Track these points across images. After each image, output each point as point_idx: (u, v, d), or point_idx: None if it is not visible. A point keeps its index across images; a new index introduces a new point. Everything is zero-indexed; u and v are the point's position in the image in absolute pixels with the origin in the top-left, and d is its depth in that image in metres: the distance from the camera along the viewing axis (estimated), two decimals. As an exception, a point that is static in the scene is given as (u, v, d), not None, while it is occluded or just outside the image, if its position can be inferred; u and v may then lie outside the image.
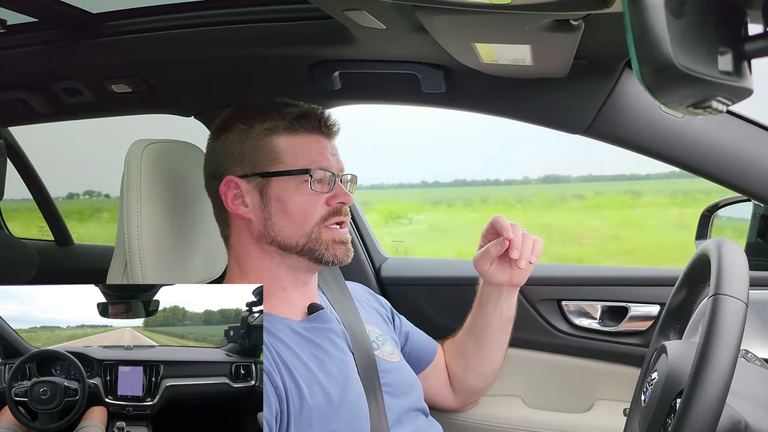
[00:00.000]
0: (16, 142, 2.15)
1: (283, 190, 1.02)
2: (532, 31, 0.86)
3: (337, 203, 1.04)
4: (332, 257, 1.04)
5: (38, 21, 1.29)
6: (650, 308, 1.33)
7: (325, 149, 1.05)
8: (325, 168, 1.03)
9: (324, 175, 1.03)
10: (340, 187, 1.05)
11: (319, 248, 1.03)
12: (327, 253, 1.03)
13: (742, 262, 0.78)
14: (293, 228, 1.02)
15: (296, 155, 1.03)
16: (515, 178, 16.65)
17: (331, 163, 1.05)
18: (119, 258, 1.07)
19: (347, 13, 0.94)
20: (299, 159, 1.03)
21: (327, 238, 1.03)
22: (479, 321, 1.25)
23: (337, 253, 1.04)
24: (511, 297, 1.23)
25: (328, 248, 1.03)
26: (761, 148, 1.12)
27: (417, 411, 1.12)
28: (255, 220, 1.04)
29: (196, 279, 1.15)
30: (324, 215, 1.03)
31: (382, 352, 1.11)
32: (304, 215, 1.02)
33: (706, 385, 0.70)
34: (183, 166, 1.14)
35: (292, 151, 1.03)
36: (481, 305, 1.24)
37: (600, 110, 1.15)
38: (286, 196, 1.02)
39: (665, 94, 0.42)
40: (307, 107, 1.06)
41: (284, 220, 1.03)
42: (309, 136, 1.04)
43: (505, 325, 1.25)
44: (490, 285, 1.22)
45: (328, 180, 1.03)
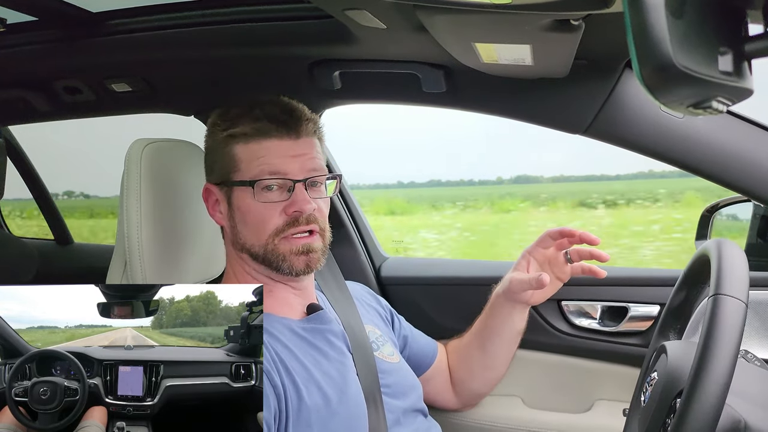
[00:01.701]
0: (16, 141, 2.15)
1: (241, 199, 1.01)
2: (532, 31, 0.86)
3: (293, 212, 0.99)
4: (290, 268, 1.00)
5: (38, 20, 1.29)
6: (650, 308, 1.33)
7: (283, 153, 0.99)
8: (279, 174, 0.98)
9: (278, 183, 0.99)
10: (298, 194, 0.99)
11: (276, 259, 1.00)
12: (284, 264, 1.00)
13: (742, 262, 0.78)
14: (253, 237, 1.01)
15: (249, 163, 0.99)
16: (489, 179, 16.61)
17: (290, 168, 0.99)
18: (119, 257, 1.07)
19: (348, 12, 0.94)
20: (251, 167, 0.99)
21: (284, 249, 0.99)
22: (488, 330, 1.23)
23: (295, 264, 1.00)
24: (524, 311, 1.22)
25: (285, 259, 1.00)
26: (761, 148, 1.12)
27: (416, 412, 1.11)
28: (227, 227, 1.04)
29: (196, 278, 1.15)
30: (279, 226, 0.99)
31: (381, 353, 1.11)
32: (259, 225, 1.00)
33: (705, 386, 0.70)
34: (183, 166, 1.14)
35: (246, 158, 1.00)
36: (493, 315, 1.22)
37: (600, 110, 1.15)
38: (244, 206, 1.00)
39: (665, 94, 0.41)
40: (273, 109, 1.01)
41: (246, 230, 1.01)
42: (265, 142, 0.99)
43: (516, 337, 1.23)
44: (507, 299, 1.19)
45: (287, 186, 0.99)
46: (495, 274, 1.27)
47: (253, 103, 1.03)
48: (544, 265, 1.19)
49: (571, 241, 1.16)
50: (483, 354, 1.25)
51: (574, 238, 1.15)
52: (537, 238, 1.19)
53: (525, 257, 1.19)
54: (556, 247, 1.17)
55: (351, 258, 1.50)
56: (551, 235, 1.17)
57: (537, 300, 1.19)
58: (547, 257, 1.18)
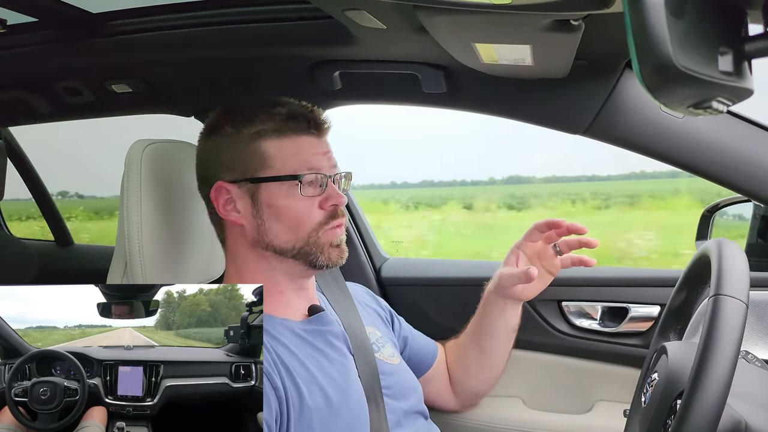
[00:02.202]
0: (16, 142, 2.15)
1: (274, 196, 1.00)
2: (532, 31, 0.86)
3: (330, 206, 1.02)
4: (326, 261, 1.02)
5: (38, 21, 1.29)
6: (650, 309, 1.33)
7: (315, 149, 1.02)
8: (315, 169, 1.01)
9: (315, 178, 1.00)
10: (332, 189, 1.02)
11: (315, 252, 1.01)
12: (322, 257, 1.01)
13: (742, 262, 0.78)
14: (289, 233, 1.01)
15: (285, 159, 1.00)
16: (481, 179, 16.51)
17: (322, 163, 1.02)
18: (119, 258, 1.07)
19: (347, 13, 0.94)
20: (288, 163, 1.00)
21: (325, 241, 1.01)
22: (483, 328, 1.23)
23: (332, 256, 1.02)
24: (517, 306, 1.22)
25: (323, 252, 1.01)
26: (761, 148, 1.12)
27: (417, 414, 1.11)
28: (248, 225, 1.02)
29: (197, 279, 1.15)
30: (321, 220, 1.01)
31: (382, 355, 1.11)
32: (299, 221, 1.00)
33: (706, 386, 0.69)
34: (183, 166, 1.14)
35: (281, 155, 1.00)
36: (486, 313, 1.22)
37: (600, 110, 1.15)
38: (279, 202, 1.00)
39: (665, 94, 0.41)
40: (295, 107, 1.03)
41: (278, 226, 1.01)
42: (298, 138, 1.01)
43: (510, 334, 1.23)
44: (498, 296, 1.20)
45: (319, 182, 1.01)
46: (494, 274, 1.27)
47: (267, 101, 1.04)
48: (534, 259, 1.19)
49: (559, 233, 1.16)
50: (479, 352, 1.25)
51: (561, 229, 1.15)
52: (525, 232, 1.19)
53: (514, 252, 1.20)
54: (545, 240, 1.18)
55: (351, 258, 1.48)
56: (538, 227, 1.18)
57: (528, 295, 1.19)
58: (536, 251, 1.19)
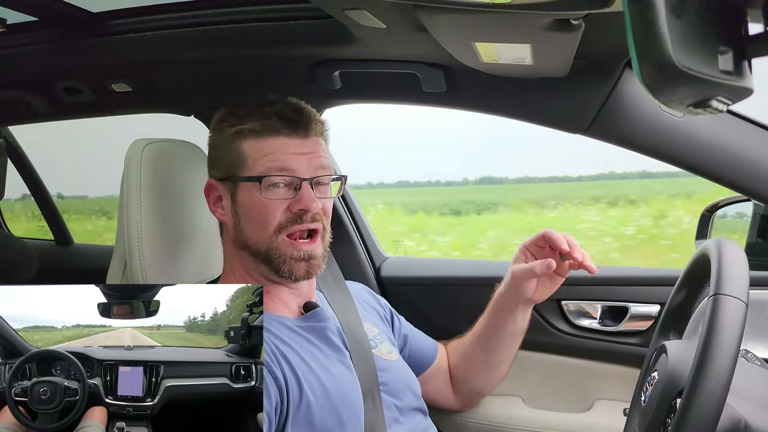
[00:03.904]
0: (16, 142, 2.15)
1: (247, 195, 1.01)
2: (532, 30, 0.86)
3: (299, 209, 0.99)
4: (289, 273, 1.00)
5: (38, 20, 1.29)
6: (650, 308, 1.33)
7: (291, 150, 1.00)
8: (287, 171, 0.99)
9: (285, 180, 0.99)
10: (305, 192, 0.99)
11: (277, 260, 1.00)
12: (284, 267, 1.00)
13: (742, 262, 0.78)
14: (256, 234, 1.01)
15: (256, 159, 1.00)
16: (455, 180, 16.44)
17: (298, 165, 1.00)
18: (119, 258, 1.07)
19: (347, 12, 0.94)
20: (258, 164, 1.00)
21: (285, 251, 1.00)
22: (491, 330, 1.23)
23: (295, 269, 1.00)
24: (527, 310, 1.21)
25: (286, 263, 1.00)
26: (761, 148, 1.12)
27: (415, 410, 1.11)
28: (228, 223, 1.04)
29: (196, 278, 1.15)
30: (282, 222, 0.99)
31: (379, 351, 1.11)
32: (263, 221, 1.00)
33: (706, 385, 0.70)
34: (183, 166, 1.14)
35: (253, 155, 1.00)
36: (495, 314, 1.22)
37: (600, 110, 1.15)
38: (249, 202, 1.01)
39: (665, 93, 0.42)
40: (281, 107, 1.02)
41: (250, 226, 1.02)
42: (274, 139, 1.00)
43: (517, 336, 1.23)
44: (509, 296, 1.19)
45: (294, 184, 1.00)
46: (495, 274, 1.27)
47: (261, 101, 1.04)
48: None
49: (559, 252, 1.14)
50: (485, 353, 1.25)
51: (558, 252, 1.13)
52: (534, 235, 1.18)
53: (523, 251, 1.19)
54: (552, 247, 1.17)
55: (351, 257, 1.50)
56: (547, 236, 1.16)
57: (540, 296, 1.18)
58: (544, 254, 1.18)
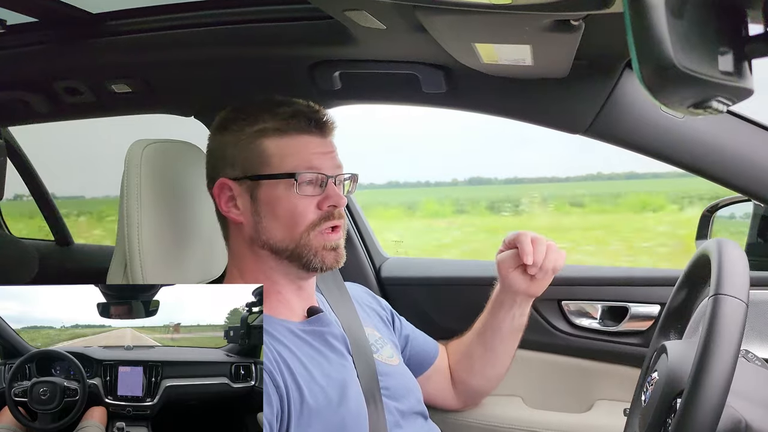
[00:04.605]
0: (16, 142, 2.15)
1: (272, 194, 1.00)
2: (532, 31, 0.86)
3: (329, 206, 1.01)
4: (320, 264, 1.01)
5: (38, 21, 1.29)
6: (650, 308, 1.33)
7: (317, 149, 1.02)
8: (314, 169, 1.01)
9: (314, 177, 1.00)
10: (332, 189, 1.01)
11: (308, 254, 1.01)
12: (315, 259, 1.01)
13: (742, 262, 0.78)
14: (283, 232, 1.01)
15: (283, 158, 1.00)
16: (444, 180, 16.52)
17: (323, 164, 1.01)
18: (119, 258, 1.07)
19: (347, 13, 0.94)
20: (286, 162, 1.00)
21: (317, 244, 1.01)
22: (489, 326, 1.23)
23: (326, 260, 1.02)
24: (525, 305, 1.22)
25: (317, 255, 1.01)
26: (761, 148, 1.12)
27: (416, 414, 1.11)
28: (246, 223, 1.03)
29: (196, 279, 1.15)
30: (315, 220, 1.01)
31: (381, 356, 1.11)
32: (294, 219, 1.00)
33: (706, 385, 0.70)
34: (183, 166, 1.14)
35: (279, 153, 1.01)
36: (493, 311, 1.22)
37: (600, 110, 1.15)
38: (275, 200, 1.00)
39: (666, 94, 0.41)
40: (299, 106, 1.03)
41: (274, 224, 1.01)
42: (298, 137, 1.01)
43: (516, 333, 1.24)
44: (506, 291, 1.20)
45: (319, 182, 1.01)
46: (495, 274, 1.27)
47: (269, 101, 1.04)
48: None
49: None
50: (485, 351, 1.25)
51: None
52: (514, 233, 1.17)
53: (505, 244, 1.19)
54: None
55: (351, 258, 1.48)
56: (517, 242, 1.15)
57: (536, 290, 1.18)
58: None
